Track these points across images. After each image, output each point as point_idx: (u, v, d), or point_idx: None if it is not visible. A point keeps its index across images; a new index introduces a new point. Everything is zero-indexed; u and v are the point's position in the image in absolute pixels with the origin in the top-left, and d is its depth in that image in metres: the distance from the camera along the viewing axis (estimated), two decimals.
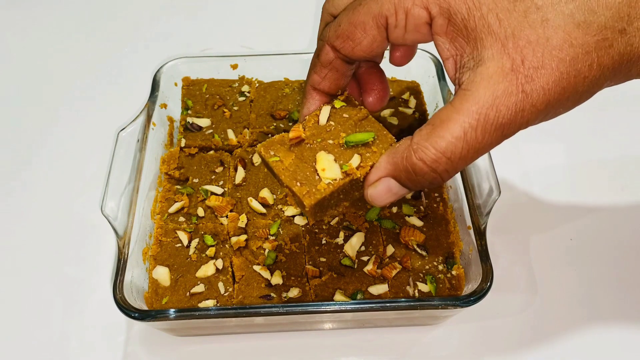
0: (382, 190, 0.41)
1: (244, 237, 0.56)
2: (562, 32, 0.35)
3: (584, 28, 0.35)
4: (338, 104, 0.45)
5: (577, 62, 0.35)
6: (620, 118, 0.75)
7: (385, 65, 0.62)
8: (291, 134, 0.44)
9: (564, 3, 0.35)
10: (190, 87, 0.68)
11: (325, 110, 0.45)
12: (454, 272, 0.54)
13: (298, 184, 0.42)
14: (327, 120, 0.45)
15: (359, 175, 0.42)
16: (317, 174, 0.42)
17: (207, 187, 0.60)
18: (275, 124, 0.65)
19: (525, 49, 0.35)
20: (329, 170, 0.42)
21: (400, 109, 0.66)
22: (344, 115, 0.45)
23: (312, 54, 0.44)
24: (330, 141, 0.44)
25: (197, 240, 0.56)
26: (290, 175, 0.42)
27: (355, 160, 0.42)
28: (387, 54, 0.45)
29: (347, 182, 0.42)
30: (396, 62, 0.47)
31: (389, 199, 0.41)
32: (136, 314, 0.48)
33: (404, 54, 0.47)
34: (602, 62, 0.35)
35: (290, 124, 0.65)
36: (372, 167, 0.42)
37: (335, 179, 0.42)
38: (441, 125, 0.37)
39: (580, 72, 0.35)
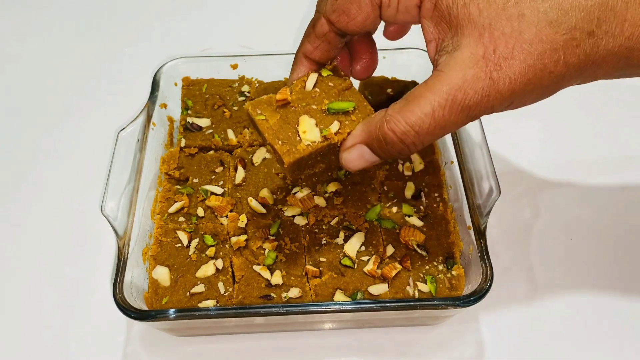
0: (355, 156, 0.44)
1: (244, 237, 0.56)
2: (535, 28, 0.37)
3: (555, 26, 0.37)
4: (325, 72, 0.48)
5: (544, 57, 0.37)
6: (621, 118, 0.75)
7: (386, 64, 0.61)
8: (278, 96, 0.47)
9: (541, 1, 0.37)
10: (190, 87, 0.68)
11: (313, 77, 0.48)
12: (454, 272, 0.54)
13: (280, 142, 0.45)
14: (313, 87, 0.48)
15: (336, 141, 0.45)
16: (298, 136, 0.46)
17: (207, 187, 0.60)
18: None
19: (499, 39, 0.37)
20: (309, 132, 0.46)
21: None
22: (330, 83, 0.48)
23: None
24: (314, 106, 0.47)
25: (197, 240, 0.56)
26: (274, 134, 0.46)
27: (334, 126, 0.46)
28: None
29: (324, 146, 0.45)
30: (389, 36, 0.51)
31: (361, 164, 0.45)
32: (136, 314, 0.48)
33: (397, 30, 0.50)
34: (568, 60, 0.38)
35: None
36: (349, 133, 0.45)
37: (314, 142, 0.45)
38: (414, 100, 0.40)
39: (546, 67, 0.38)
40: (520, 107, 0.41)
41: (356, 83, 0.61)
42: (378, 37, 0.50)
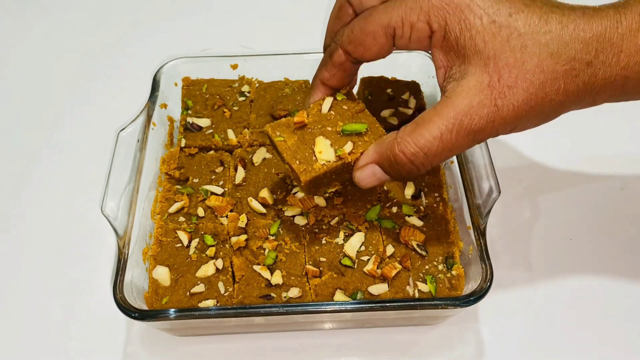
0: (367, 174, 0.47)
1: (244, 237, 0.56)
2: (537, 59, 0.40)
3: (556, 57, 0.40)
4: (340, 96, 0.52)
5: (546, 86, 0.40)
6: (621, 118, 0.75)
7: (386, 64, 0.62)
8: (296, 119, 0.50)
9: (542, 34, 0.40)
10: (190, 87, 0.68)
11: (328, 101, 0.51)
12: (454, 272, 0.54)
13: (297, 162, 0.48)
14: (329, 110, 0.51)
15: (350, 160, 0.48)
16: (315, 155, 0.49)
17: (207, 187, 0.60)
18: None
19: (503, 69, 0.40)
20: (325, 153, 0.49)
21: (400, 109, 0.66)
22: (344, 107, 0.51)
23: (312, 54, 0.51)
24: (329, 128, 0.50)
25: (197, 240, 0.56)
26: (292, 154, 0.49)
27: (348, 147, 0.49)
28: None
29: (339, 165, 0.48)
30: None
31: (372, 182, 0.48)
32: (136, 314, 0.48)
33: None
34: (567, 88, 0.40)
35: None
36: (362, 153, 0.48)
37: (329, 161, 0.48)
38: (423, 124, 0.43)
39: (547, 95, 0.40)
40: (523, 131, 0.43)
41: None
42: None
